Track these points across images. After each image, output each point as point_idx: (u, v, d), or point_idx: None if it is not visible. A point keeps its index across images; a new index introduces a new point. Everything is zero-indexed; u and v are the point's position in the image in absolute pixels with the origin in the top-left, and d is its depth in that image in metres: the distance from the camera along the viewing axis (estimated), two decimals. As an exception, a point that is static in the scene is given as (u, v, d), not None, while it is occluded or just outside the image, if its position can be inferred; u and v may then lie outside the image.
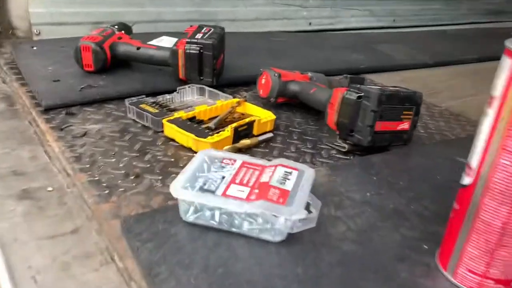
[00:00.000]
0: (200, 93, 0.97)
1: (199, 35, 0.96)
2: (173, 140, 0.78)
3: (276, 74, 0.92)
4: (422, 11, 2.15)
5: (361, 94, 0.75)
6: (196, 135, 0.74)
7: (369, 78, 1.26)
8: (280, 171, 0.55)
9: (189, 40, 0.94)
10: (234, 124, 0.78)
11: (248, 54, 1.25)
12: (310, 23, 1.78)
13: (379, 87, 0.77)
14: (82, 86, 0.90)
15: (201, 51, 0.94)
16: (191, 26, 1.02)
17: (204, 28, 1.00)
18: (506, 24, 2.42)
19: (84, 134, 0.77)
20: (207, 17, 1.52)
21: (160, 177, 0.67)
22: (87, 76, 0.97)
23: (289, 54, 1.32)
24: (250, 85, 1.10)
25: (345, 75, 0.80)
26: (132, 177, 0.66)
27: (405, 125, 0.79)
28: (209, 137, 0.74)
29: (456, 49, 1.65)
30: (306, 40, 1.57)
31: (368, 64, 1.31)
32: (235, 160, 0.58)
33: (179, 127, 0.76)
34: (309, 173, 0.56)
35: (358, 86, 0.77)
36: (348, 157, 0.78)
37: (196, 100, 0.95)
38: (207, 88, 0.96)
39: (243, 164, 0.58)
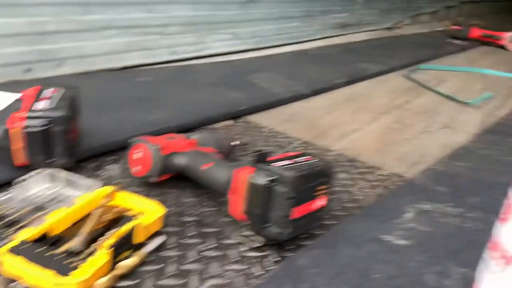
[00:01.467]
0: (52, 179, 0.72)
1: (40, 104, 0.71)
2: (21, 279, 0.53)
3: (155, 147, 0.72)
4: (282, 29, 2.13)
5: (274, 178, 0.60)
6: (57, 271, 0.50)
7: (252, 120, 1.14)
8: None
9: (27, 114, 0.68)
10: (112, 240, 0.56)
11: (110, 107, 1.01)
12: (173, 52, 1.59)
13: (287, 162, 0.64)
14: None
15: (48, 127, 0.69)
16: (32, 87, 0.76)
17: (47, 91, 0.75)
18: (350, 38, 2.57)
19: None
20: (47, 57, 1.22)
21: None
22: None
23: (160, 100, 1.12)
24: (117, 152, 0.87)
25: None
26: None
27: (321, 202, 0.66)
28: (74, 271, 0.51)
29: (325, 73, 1.63)
30: (175, 76, 1.38)
31: (248, 103, 1.18)
32: None
33: (29, 260, 0.52)
34: None
35: (267, 165, 0.62)
36: (264, 253, 0.63)
37: (48, 193, 0.70)
38: (60, 172, 0.71)
39: None
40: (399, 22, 3.31)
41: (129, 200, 0.68)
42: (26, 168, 0.71)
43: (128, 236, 0.59)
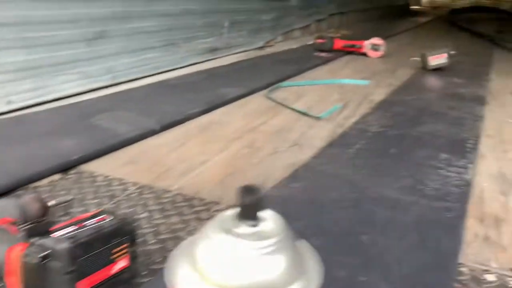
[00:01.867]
0: None
1: None
2: None
3: None
4: (142, 61, 2.06)
5: (47, 253, 0.53)
6: None
7: (87, 169, 1.05)
8: None
9: None
10: None
11: None
12: (9, 102, 1.44)
13: (71, 229, 0.57)
14: None
15: None
16: None
17: None
18: (221, 62, 2.57)
19: None
20: None
21: None
22: None
23: (-30, 163, 0.99)
24: None
25: (36, 220, 0.56)
26: None
27: (123, 263, 0.61)
28: None
29: (182, 103, 1.59)
30: (2, 130, 1.25)
31: (83, 151, 1.09)
32: None
33: None
34: None
35: (44, 238, 0.54)
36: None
37: None
38: None
39: None
40: (271, 40, 3.42)
41: None
42: None
43: None
